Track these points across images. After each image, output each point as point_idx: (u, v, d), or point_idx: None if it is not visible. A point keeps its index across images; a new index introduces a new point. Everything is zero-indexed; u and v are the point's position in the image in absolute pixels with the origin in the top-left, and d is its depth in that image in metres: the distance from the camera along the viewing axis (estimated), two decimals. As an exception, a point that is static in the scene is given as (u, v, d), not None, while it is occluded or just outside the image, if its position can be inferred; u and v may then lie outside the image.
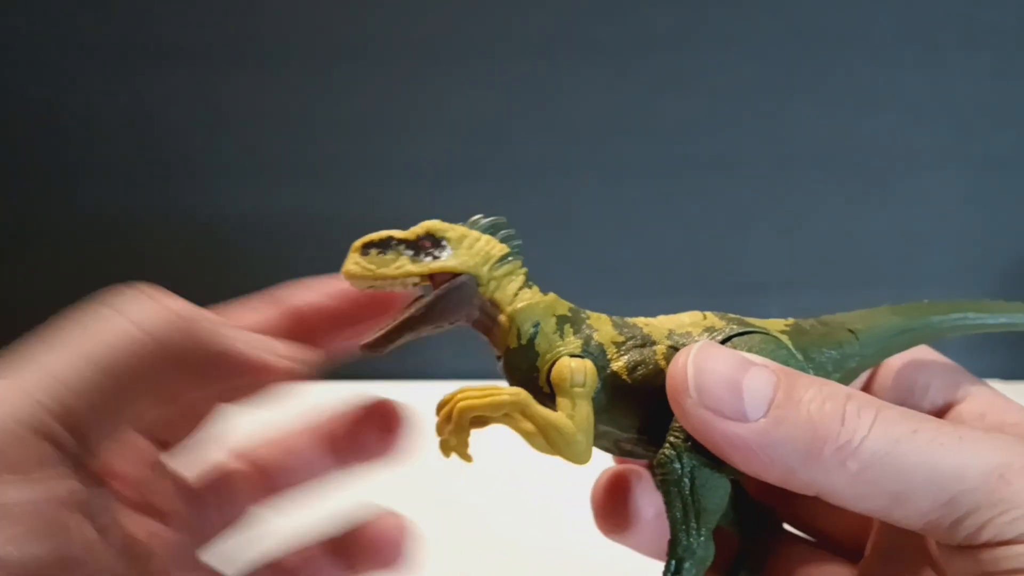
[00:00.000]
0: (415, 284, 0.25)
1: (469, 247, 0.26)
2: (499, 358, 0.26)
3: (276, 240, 0.65)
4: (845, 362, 0.26)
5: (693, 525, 0.24)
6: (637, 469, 0.30)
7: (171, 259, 0.65)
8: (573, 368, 0.24)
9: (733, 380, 0.22)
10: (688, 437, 0.23)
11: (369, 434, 0.30)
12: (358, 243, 0.25)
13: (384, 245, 0.25)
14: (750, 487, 0.29)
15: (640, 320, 0.27)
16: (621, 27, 0.60)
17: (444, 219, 0.26)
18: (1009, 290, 0.66)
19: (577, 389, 0.24)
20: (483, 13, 0.60)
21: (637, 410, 0.25)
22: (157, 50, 0.61)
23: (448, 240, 0.25)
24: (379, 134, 0.63)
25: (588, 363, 0.25)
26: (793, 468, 0.22)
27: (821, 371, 0.26)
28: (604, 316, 0.27)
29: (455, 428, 0.24)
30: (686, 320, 0.27)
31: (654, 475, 0.24)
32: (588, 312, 0.27)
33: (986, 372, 0.68)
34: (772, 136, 0.63)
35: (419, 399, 0.30)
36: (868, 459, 0.21)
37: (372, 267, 0.25)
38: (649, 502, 0.29)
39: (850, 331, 0.27)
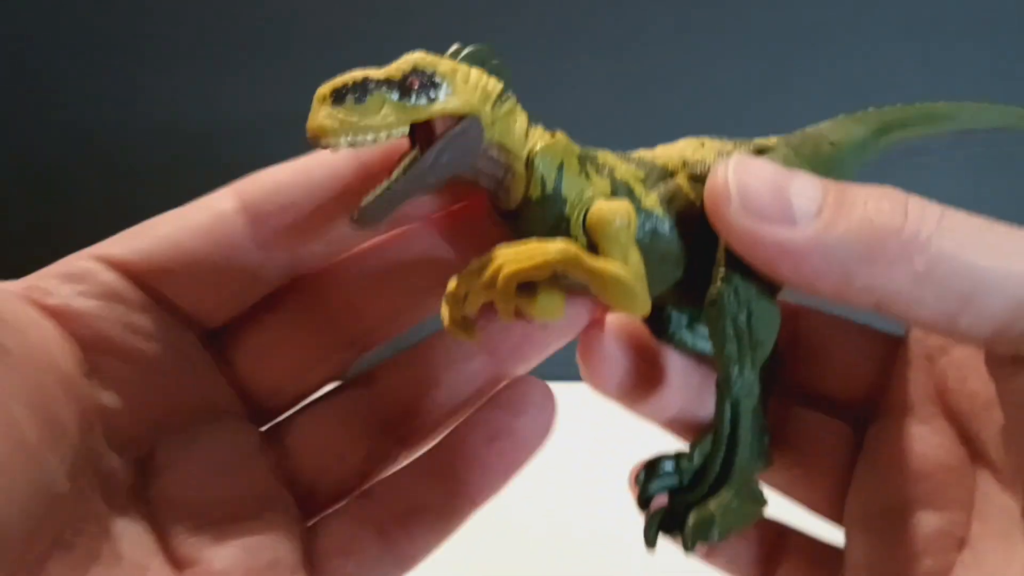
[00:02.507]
0: (400, 136, 0.21)
1: (465, 83, 0.21)
2: (508, 213, 0.23)
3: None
4: (836, 177, 0.24)
5: (748, 361, 0.22)
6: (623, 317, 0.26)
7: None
8: (614, 210, 0.21)
9: (778, 184, 0.20)
10: (740, 266, 0.21)
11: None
12: (325, 89, 0.20)
13: (361, 89, 0.20)
14: None
15: (643, 154, 0.24)
16: (618, 23, 0.60)
17: None
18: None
19: (623, 233, 0.21)
20: (479, 10, 0.60)
21: (677, 249, 0.23)
22: (153, 49, 0.61)
23: (442, 76, 0.21)
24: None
25: (626, 203, 0.22)
26: (851, 272, 0.20)
27: None
28: (608, 152, 0.24)
29: (501, 295, 0.21)
30: (688, 149, 0.24)
31: (706, 313, 0.23)
32: (594, 149, 0.24)
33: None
34: (770, 135, 0.63)
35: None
36: (936, 255, 0.19)
37: (353, 118, 0.20)
38: (667, 352, 0.26)
39: (831, 144, 0.26)
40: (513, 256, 0.21)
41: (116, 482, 0.21)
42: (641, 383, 0.25)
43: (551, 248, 0.21)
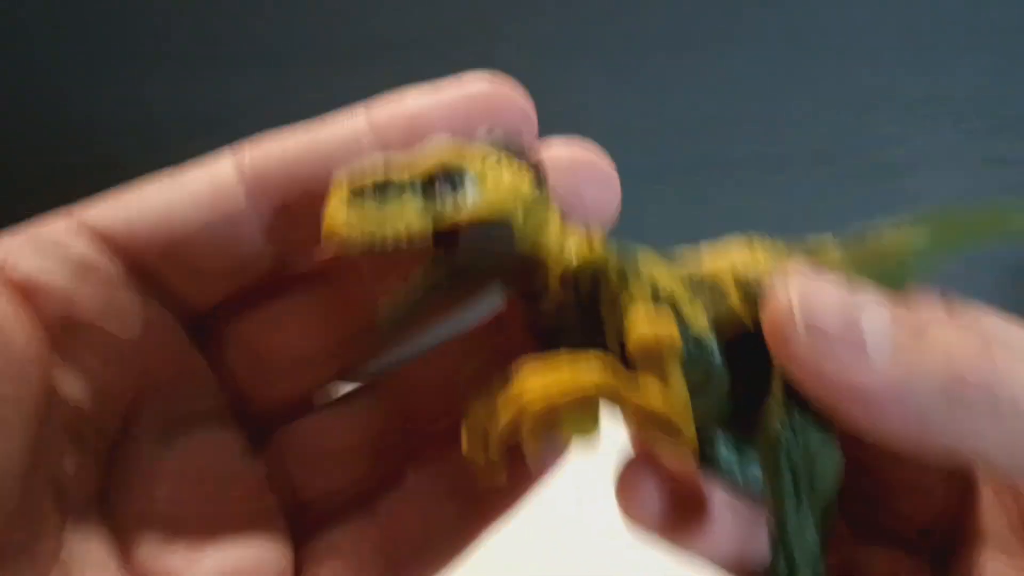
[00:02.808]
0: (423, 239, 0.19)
1: (496, 180, 0.19)
2: (538, 323, 0.21)
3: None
4: (900, 289, 0.22)
5: (805, 501, 0.19)
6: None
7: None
8: (657, 327, 0.19)
9: (848, 312, 0.18)
10: (799, 397, 0.19)
11: None
12: (343, 183, 0.19)
13: (383, 188, 0.18)
14: None
15: (688, 256, 0.22)
16: (618, 27, 0.60)
17: None
18: (1010, 291, 0.66)
19: (667, 354, 0.19)
20: (481, 12, 0.60)
21: (725, 374, 0.20)
22: (150, 51, 0.61)
23: (470, 174, 0.19)
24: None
25: (670, 322, 0.20)
26: (930, 419, 0.17)
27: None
28: (650, 254, 0.21)
29: (527, 435, 0.19)
30: (738, 254, 0.22)
31: (758, 446, 0.20)
32: (635, 250, 0.22)
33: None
34: (772, 136, 0.63)
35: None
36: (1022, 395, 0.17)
37: (372, 219, 0.18)
38: (712, 489, 0.23)
39: (894, 252, 0.23)
40: (541, 388, 0.19)
41: (75, 484, 0.18)
42: (684, 519, 0.22)
43: (585, 377, 0.19)
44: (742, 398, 0.21)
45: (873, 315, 0.18)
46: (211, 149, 0.68)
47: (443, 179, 0.19)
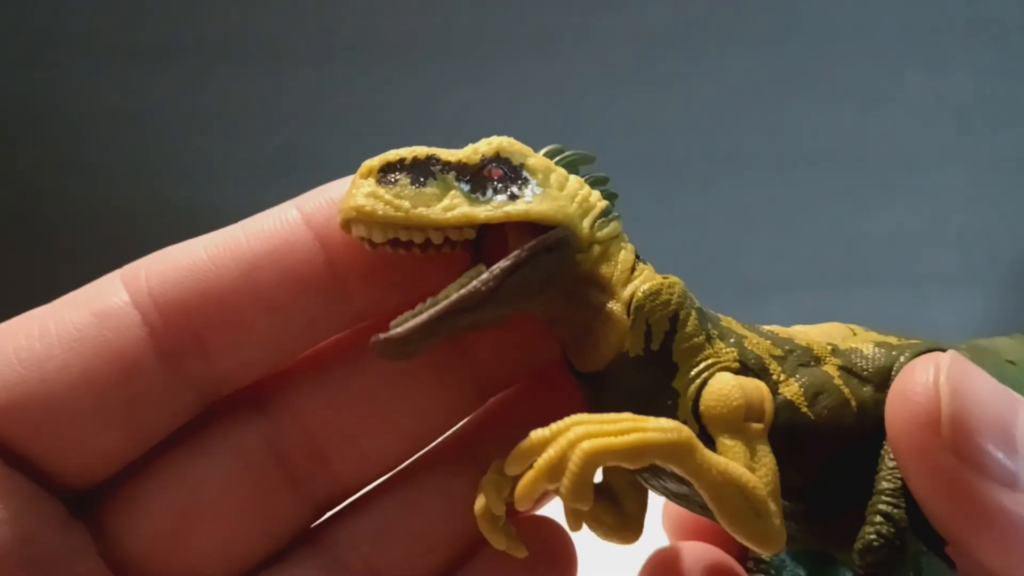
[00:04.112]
0: (459, 241, 0.16)
1: (560, 187, 0.16)
2: (590, 374, 0.17)
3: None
4: None
5: None
6: (707, 547, 0.19)
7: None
8: (747, 391, 0.16)
9: (1004, 422, 0.14)
10: (913, 507, 0.15)
11: None
12: (374, 162, 0.15)
13: (422, 170, 0.15)
14: None
15: (777, 329, 0.18)
16: (621, 23, 0.60)
17: None
18: (1012, 289, 0.66)
19: (756, 426, 0.15)
20: (482, 9, 0.59)
21: (810, 461, 0.16)
22: (150, 48, 0.61)
23: (531, 171, 0.16)
24: (373, 132, 0.62)
25: (763, 386, 0.16)
26: None
27: None
28: (731, 319, 0.18)
29: (575, 481, 0.14)
30: (835, 334, 0.18)
31: (854, 562, 0.16)
32: (714, 312, 0.18)
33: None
34: (774, 134, 0.62)
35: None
36: None
37: (402, 203, 0.15)
38: None
39: (1011, 363, 0.20)
40: (597, 429, 0.14)
41: None
42: None
43: (651, 424, 0.14)
44: (831, 499, 0.17)
45: None
46: (207, 147, 0.68)
47: (498, 169, 0.16)
